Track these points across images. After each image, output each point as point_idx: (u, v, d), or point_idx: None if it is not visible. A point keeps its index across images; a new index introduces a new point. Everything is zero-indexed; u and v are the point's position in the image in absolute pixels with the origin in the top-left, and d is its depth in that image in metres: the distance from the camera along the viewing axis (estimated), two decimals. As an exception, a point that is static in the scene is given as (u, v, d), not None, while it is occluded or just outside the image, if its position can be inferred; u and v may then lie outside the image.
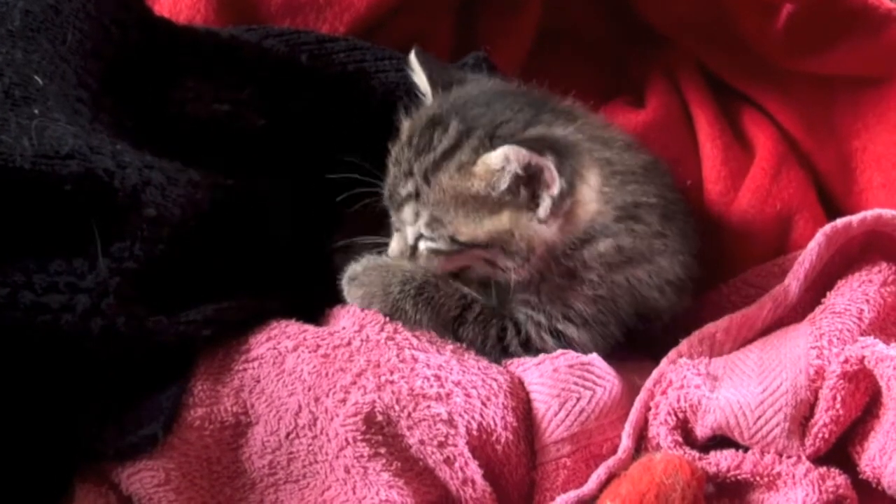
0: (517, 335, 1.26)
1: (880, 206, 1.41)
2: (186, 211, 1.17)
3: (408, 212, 1.26)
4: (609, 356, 1.25)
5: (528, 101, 1.28)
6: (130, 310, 1.12)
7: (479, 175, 1.18)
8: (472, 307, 1.26)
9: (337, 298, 1.31)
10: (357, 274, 1.29)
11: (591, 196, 1.21)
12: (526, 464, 1.15)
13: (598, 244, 1.23)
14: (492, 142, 1.20)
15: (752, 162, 1.50)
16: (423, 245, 1.26)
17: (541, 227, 1.19)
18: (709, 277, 1.40)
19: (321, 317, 1.29)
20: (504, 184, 1.17)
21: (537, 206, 1.18)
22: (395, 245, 1.31)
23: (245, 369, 1.18)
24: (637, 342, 1.31)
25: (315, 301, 1.30)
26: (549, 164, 1.14)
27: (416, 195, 1.24)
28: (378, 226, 1.36)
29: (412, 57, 1.33)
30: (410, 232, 1.27)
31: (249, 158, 1.30)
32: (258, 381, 1.16)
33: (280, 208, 1.30)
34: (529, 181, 1.17)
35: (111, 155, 1.13)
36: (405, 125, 1.31)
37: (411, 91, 1.37)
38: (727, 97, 1.57)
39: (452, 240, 1.23)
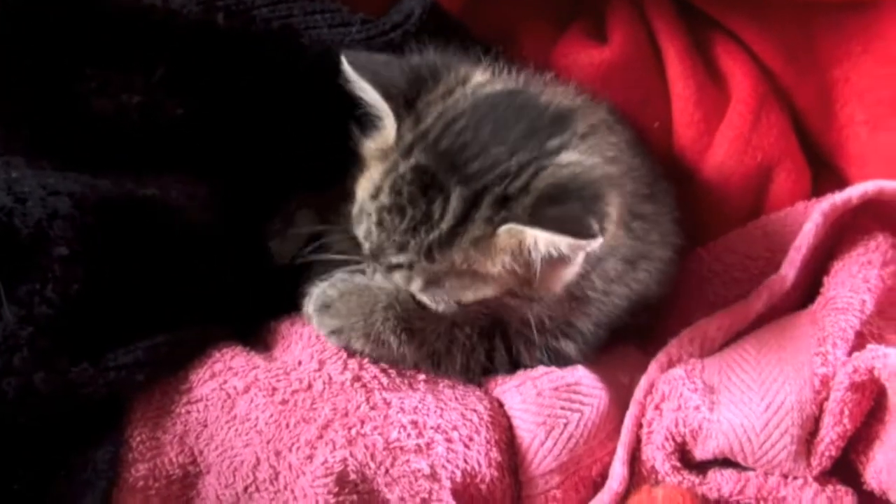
0: (508, 357, 1.13)
1: (861, 143, 1.35)
2: (103, 239, 1.00)
3: (399, 277, 1.06)
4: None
5: (530, 120, 1.05)
6: (49, 362, 0.97)
7: (500, 251, 0.99)
8: (457, 339, 1.11)
9: (276, 298, 1.17)
10: (331, 301, 1.11)
11: (613, 228, 1.04)
12: (511, 496, 1.06)
13: (607, 264, 1.10)
14: (505, 207, 0.99)
15: (727, 103, 1.36)
16: (419, 297, 1.09)
17: (565, 274, 1.03)
18: (686, 237, 1.28)
19: (264, 329, 1.16)
20: (537, 263, 0.98)
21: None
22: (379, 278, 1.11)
23: (188, 412, 1.04)
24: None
25: (255, 305, 1.16)
26: (588, 245, 0.96)
27: (411, 267, 1.04)
28: (325, 210, 1.20)
29: (345, 66, 1.04)
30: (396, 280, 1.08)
31: (171, 157, 1.10)
32: (205, 426, 1.03)
33: (211, 210, 1.12)
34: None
35: (5, 187, 0.94)
36: (378, 174, 1.05)
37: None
38: (699, 26, 1.40)
39: (457, 303, 1.06)
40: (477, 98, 1.06)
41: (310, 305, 1.11)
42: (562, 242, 0.95)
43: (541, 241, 0.96)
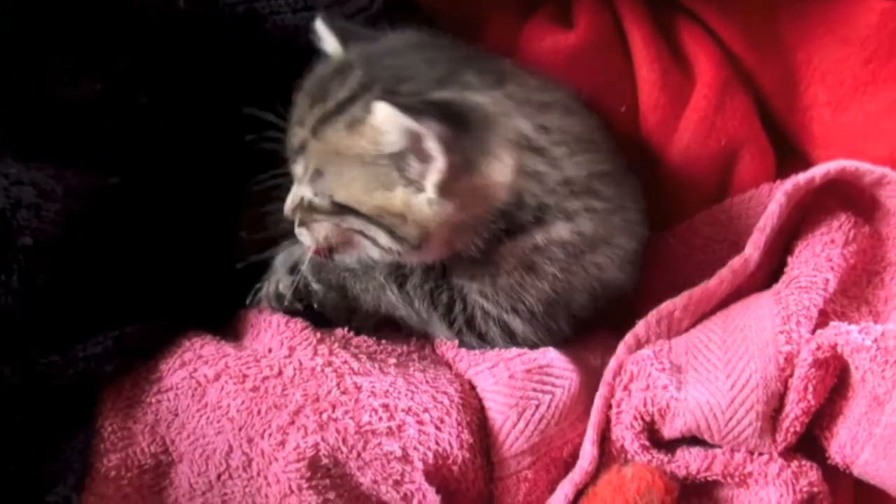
0: (463, 311, 1.14)
1: (824, 125, 1.35)
2: (69, 229, 0.99)
3: (298, 166, 1.09)
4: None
5: (452, 56, 1.10)
6: (16, 354, 0.97)
7: (365, 134, 1.02)
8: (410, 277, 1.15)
9: (246, 288, 1.17)
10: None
11: (507, 174, 1.05)
12: (483, 477, 1.07)
13: (553, 229, 1.09)
14: (388, 98, 1.01)
15: (692, 87, 1.36)
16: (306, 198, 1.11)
17: (434, 208, 1.03)
18: (652, 221, 1.28)
19: (233, 319, 1.16)
20: (390, 147, 1.01)
21: None
22: (288, 200, 1.13)
23: (159, 401, 1.04)
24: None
25: (225, 295, 1.16)
26: (428, 133, 0.97)
27: (304, 147, 1.07)
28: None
29: (318, 23, 1.11)
30: (300, 188, 1.11)
31: (137, 145, 1.09)
32: (176, 415, 1.04)
33: (179, 199, 1.11)
34: (422, 153, 1.01)
35: (-34, 176, 0.94)
36: (312, 73, 1.12)
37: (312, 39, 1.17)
38: (664, 11, 1.40)
39: (332, 200, 1.07)
40: (421, 37, 1.13)
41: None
42: (397, 118, 0.97)
43: (379, 117, 0.99)
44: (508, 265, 1.10)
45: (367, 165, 1.03)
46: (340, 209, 1.07)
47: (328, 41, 1.12)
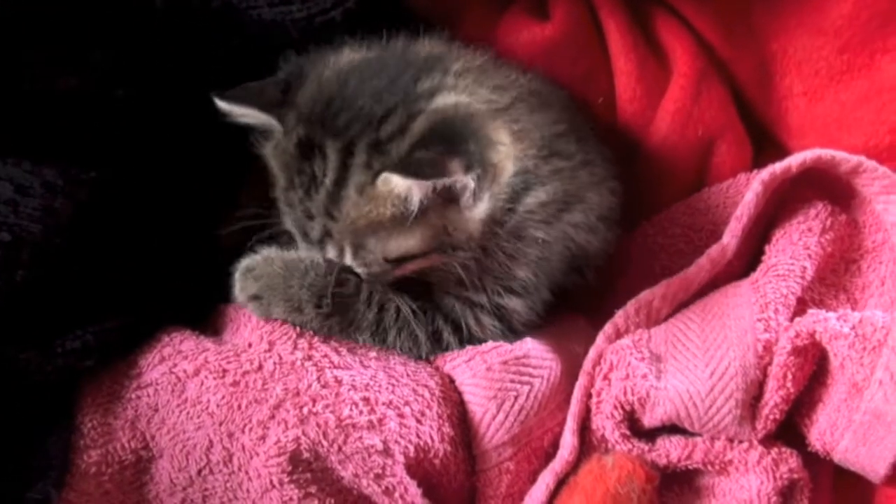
0: (454, 332, 1.14)
1: (800, 115, 1.35)
2: (46, 224, 0.99)
3: (331, 250, 1.08)
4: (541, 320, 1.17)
5: (394, 70, 1.08)
6: (-5, 349, 0.96)
7: (384, 198, 1.01)
8: (386, 310, 1.12)
9: (225, 284, 1.15)
10: (255, 265, 1.12)
11: (507, 151, 1.06)
12: (465, 470, 1.07)
13: (534, 193, 1.09)
14: (381, 151, 1.01)
15: (669, 78, 1.36)
16: (360, 272, 1.10)
17: (472, 213, 1.05)
18: (631, 212, 1.30)
19: (213, 314, 1.16)
20: (415, 205, 1.00)
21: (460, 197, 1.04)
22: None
23: (139, 397, 1.04)
24: (569, 296, 1.21)
25: (206, 293, 1.15)
26: (442, 180, 0.98)
27: (329, 234, 1.06)
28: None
29: (218, 104, 1.07)
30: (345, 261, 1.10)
31: (114, 140, 1.08)
32: (156, 410, 1.03)
33: (158, 195, 1.10)
34: (446, 190, 1.01)
35: (-57, 174, 0.93)
36: (274, 165, 1.09)
37: (289, 34, 1.17)
38: (640, 2, 1.40)
39: (385, 260, 1.07)
40: (340, 67, 1.10)
41: (236, 273, 1.13)
42: (422, 186, 0.98)
43: (404, 186, 0.99)
44: (498, 240, 1.09)
45: (403, 220, 1.02)
46: (397, 261, 1.08)
47: (238, 112, 1.08)
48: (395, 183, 0.99)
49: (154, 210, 1.11)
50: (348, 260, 1.07)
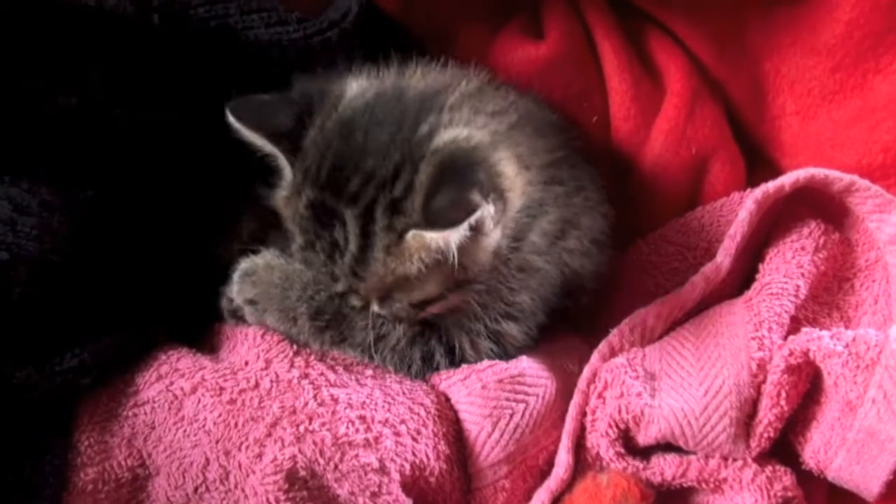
0: (446, 354, 1.14)
1: (793, 134, 1.36)
2: (44, 243, 0.99)
3: (355, 301, 1.09)
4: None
5: (395, 116, 1.06)
6: (-9, 368, 0.96)
7: (413, 252, 1.01)
8: (387, 336, 1.12)
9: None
10: (255, 269, 1.14)
11: (515, 182, 1.06)
12: (461, 488, 1.07)
13: (539, 223, 1.09)
14: (399, 211, 1.00)
15: (663, 97, 1.38)
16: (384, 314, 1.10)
17: (489, 240, 1.04)
18: (624, 231, 1.30)
19: (210, 332, 1.16)
20: (454, 250, 0.99)
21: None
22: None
23: (135, 415, 1.04)
24: (562, 317, 1.21)
25: (203, 310, 1.16)
26: (481, 204, 0.97)
27: (356, 291, 1.07)
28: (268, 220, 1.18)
29: (230, 119, 1.06)
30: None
31: (112, 159, 1.08)
32: (153, 428, 1.04)
33: (156, 213, 1.11)
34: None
35: (-57, 194, 0.93)
36: (287, 218, 1.09)
37: (287, 54, 1.18)
38: (634, 22, 1.42)
39: (410, 304, 1.07)
40: (342, 116, 1.07)
41: (235, 274, 1.14)
42: (458, 231, 0.98)
43: (441, 238, 0.98)
44: (503, 269, 1.09)
45: (429, 270, 1.03)
46: (421, 303, 1.08)
47: (252, 136, 1.07)
48: (430, 237, 0.99)
49: (151, 228, 1.11)
50: (375, 309, 1.08)
